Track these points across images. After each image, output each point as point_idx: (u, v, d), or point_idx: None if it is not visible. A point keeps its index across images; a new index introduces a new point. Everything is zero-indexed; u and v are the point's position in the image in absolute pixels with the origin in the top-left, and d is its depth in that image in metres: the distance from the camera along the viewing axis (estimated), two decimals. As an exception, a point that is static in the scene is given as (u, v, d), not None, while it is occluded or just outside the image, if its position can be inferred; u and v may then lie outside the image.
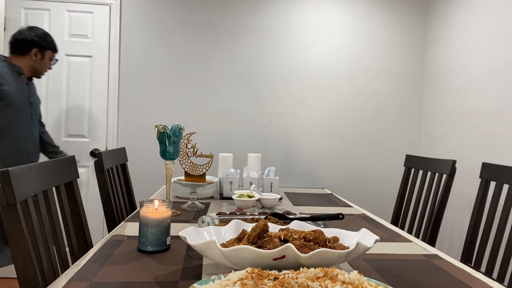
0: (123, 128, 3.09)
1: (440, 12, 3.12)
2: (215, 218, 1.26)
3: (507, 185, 1.57)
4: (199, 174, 1.96)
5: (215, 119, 3.18)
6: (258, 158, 2.30)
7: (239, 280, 0.71)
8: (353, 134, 3.27)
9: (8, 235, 0.99)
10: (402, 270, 1.04)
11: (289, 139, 3.24)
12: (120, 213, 1.96)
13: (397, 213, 2.25)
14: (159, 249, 1.12)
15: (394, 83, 3.29)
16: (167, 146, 1.73)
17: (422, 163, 2.16)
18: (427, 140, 3.22)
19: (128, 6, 3.10)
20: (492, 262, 1.55)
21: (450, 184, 1.89)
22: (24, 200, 1.06)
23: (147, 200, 1.16)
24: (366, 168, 3.28)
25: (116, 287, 0.87)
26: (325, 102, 3.25)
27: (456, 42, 2.89)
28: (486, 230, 1.64)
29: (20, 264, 0.98)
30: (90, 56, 3.07)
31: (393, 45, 3.28)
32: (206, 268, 1.00)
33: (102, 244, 1.20)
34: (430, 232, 1.86)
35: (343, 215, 1.28)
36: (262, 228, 0.95)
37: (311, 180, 3.24)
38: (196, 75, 3.17)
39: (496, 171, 1.66)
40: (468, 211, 2.62)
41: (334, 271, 0.75)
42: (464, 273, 1.03)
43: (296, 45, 3.22)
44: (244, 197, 1.79)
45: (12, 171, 1.01)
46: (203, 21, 3.15)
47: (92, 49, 3.07)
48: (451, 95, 2.92)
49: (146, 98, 3.12)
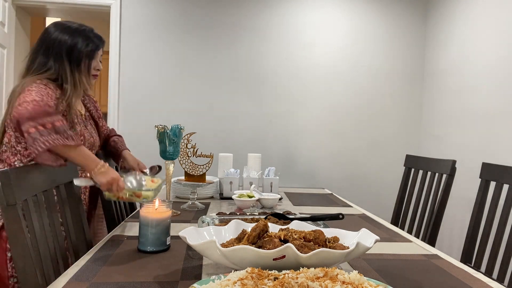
0: (123, 128, 3.09)
1: (440, 12, 3.12)
2: (215, 218, 1.26)
3: (507, 185, 1.57)
4: (199, 174, 1.96)
5: (215, 119, 3.18)
6: (258, 158, 2.30)
7: (239, 280, 0.71)
8: (353, 134, 3.27)
9: (8, 235, 0.99)
10: (402, 270, 1.04)
11: (289, 139, 3.24)
12: (120, 213, 1.96)
13: (397, 213, 2.25)
14: (159, 249, 1.12)
15: (394, 83, 3.29)
16: (167, 146, 1.73)
17: (422, 163, 2.15)
18: (427, 140, 3.22)
19: (128, 6, 3.09)
20: (492, 262, 1.55)
21: (450, 184, 1.89)
22: (24, 200, 1.06)
23: (147, 200, 1.16)
24: (366, 168, 3.28)
25: (116, 287, 0.87)
26: (325, 102, 3.25)
27: (456, 42, 2.88)
28: (486, 230, 1.63)
29: (20, 264, 0.98)
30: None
31: (393, 45, 3.28)
32: (206, 268, 1.00)
33: (102, 244, 1.20)
34: (430, 232, 1.86)
35: (343, 215, 1.28)
36: (262, 228, 0.95)
37: (311, 180, 3.24)
38: (196, 75, 3.17)
39: (496, 171, 1.66)
40: (468, 211, 2.62)
41: (334, 271, 0.75)
42: (464, 273, 1.03)
43: (296, 45, 3.22)
44: (244, 197, 1.79)
45: (12, 171, 1.01)
46: (203, 21, 3.15)
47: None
48: (451, 95, 2.92)
49: (146, 98, 3.12)
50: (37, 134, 1.21)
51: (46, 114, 1.25)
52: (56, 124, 1.24)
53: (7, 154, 1.41)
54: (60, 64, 1.48)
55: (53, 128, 1.24)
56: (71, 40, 1.50)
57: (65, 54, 1.48)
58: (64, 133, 1.25)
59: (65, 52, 1.48)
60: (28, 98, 1.27)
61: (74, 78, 1.50)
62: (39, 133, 1.21)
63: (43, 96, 1.31)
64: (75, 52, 1.50)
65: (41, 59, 1.48)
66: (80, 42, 1.51)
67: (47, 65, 1.47)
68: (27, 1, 3.03)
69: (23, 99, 1.27)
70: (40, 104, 1.25)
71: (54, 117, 1.26)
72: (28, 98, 1.27)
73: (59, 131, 1.24)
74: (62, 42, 1.48)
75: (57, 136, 1.23)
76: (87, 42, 1.53)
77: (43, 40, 1.51)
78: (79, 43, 1.51)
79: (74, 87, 1.49)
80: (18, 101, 1.28)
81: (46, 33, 1.52)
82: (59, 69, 1.48)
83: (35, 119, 1.23)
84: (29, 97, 1.27)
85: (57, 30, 1.50)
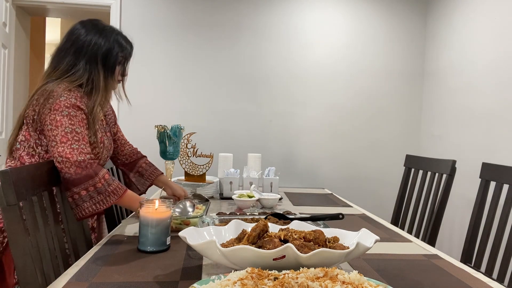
0: (123, 128, 3.08)
1: (440, 12, 3.12)
2: (215, 218, 1.26)
3: (507, 185, 1.57)
4: (199, 174, 1.96)
5: (215, 119, 3.18)
6: (258, 158, 2.30)
7: (239, 280, 0.71)
8: (353, 134, 3.27)
9: (8, 235, 0.99)
10: (402, 270, 1.04)
11: (289, 139, 3.24)
12: (120, 213, 1.96)
13: (397, 213, 2.25)
14: (159, 249, 1.12)
15: (394, 83, 3.29)
16: (167, 146, 1.73)
17: (422, 163, 2.16)
18: (427, 140, 3.22)
19: (128, 6, 3.09)
20: (492, 262, 1.55)
21: (450, 184, 1.89)
22: (24, 200, 1.06)
23: (147, 200, 1.16)
24: (366, 168, 3.28)
25: (116, 287, 0.87)
26: (325, 102, 3.25)
27: (456, 42, 2.89)
28: (486, 230, 1.64)
29: (20, 264, 0.98)
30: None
31: (393, 45, 3.28)
32: (206, 268, 1.00)
33: (102, 244, 1.20)
34: (430, 232, 1.86)
35: (343, 215, 1.28)
36: (262, 228, 0.95)
37: (311, 180, 3.24)
38: (196, 75, 3.17)
39: (496, 171, 1.66)
40: (468, 211, 2.62)
41: (334, 271, 0.75)
42: (464, 273, 1.03)
43: (296, 45, 3.22)
44: (244, 197, 1.79)
45: (12, 171, 1.01)
46: (203, 21, 3.15)
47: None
48: (451, 95, 2.92)
49: (146, 98, 3.12)
50: (80, 200, 1.25)
51: (89, 177, 1.25)
52: (97, 186, 1.26)
53: (20, 153, 1.35)
54: (93, 68, 1.40)
55: (95, 190, 1.26)
56: (107, 44, 1.42)
57: (100, 58, 1.41)
58: (106, 192, 1.27)
59: (100, 56, 1.41)
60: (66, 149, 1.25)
61: (106, 84, 1.44)
62: (82, 199, 1.25)
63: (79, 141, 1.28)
64: (111, 57, 1.43)
65: (70, 59, 1.39)
66: (116, 47, 1.44)
67: (77, 67, 1.39)
68: (27, 1, 3.03)
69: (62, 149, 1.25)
70: (82, 166, 1.25)
71: (96, 178, 1.26)
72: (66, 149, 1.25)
73: (101, 192, 1.27)
74: (97, 44, 1.41)
75: (99, 198, 1.26)
76: (122, 47, 1.46)
77: (74, 40, 1.41)
78: (115, 48, 1.44)
79: (105, 93, 1.43)
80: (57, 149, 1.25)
81: (76, 33, 1.43)
82: (91, 73, 1.40)
83: (77, 186, 1.24)
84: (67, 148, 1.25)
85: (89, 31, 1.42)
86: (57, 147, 1.26)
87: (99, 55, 1.41)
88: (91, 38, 1.41)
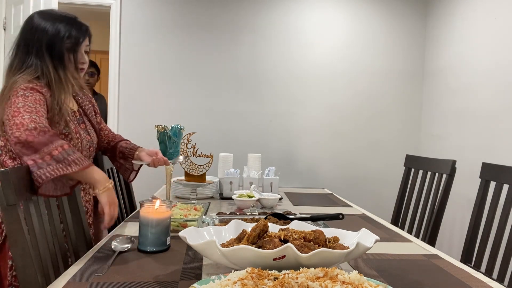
0: (123, 128, 3.09)
1: (440, 12, 3.12)
2: (215, 218, 1.26)
3: (507, 185, 1.57)
4: (199, 174, 1.96)
5: (215, 119, 3.18)
6: (258, 158, 2.30)
7: (239, 280, 0.71)
8: (353, 134, 3.27)
9: (8, 235, 0.99)
10: (402, 270, 1.04)
11: (289, 139, 3.24)
12: (120, 213, 1.96)
13: (397, 213, 2.25)
14: (159, 249, 1.12)
15: (394, 83, 3.29)
16: (167, 146, 1.73)
17: (422, 163, 2.16)
18: (427, 140, 3.22)
19: (128, 6, 3.09)
20: (492, 262, 1.55)
21: (450, 184, 1.89)
22: (24, 200, 1.06)
23: (147, 200, 1.16)
24: (366, 168, 3.28)
25: (116, 287, 0.87)
26: (325, 102, 3.25)
27: (456, 42, 2.88)
28: (486, 230, 1.64)
29: (20, 264, 0.98)
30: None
31: (393, 45, 3.28)
32: (206, 268, 1.00)
33: (102, 244, 1.19)
34: (430, 232, 1.86)
35: (343, 215, 1.28)
36: (262, 228, 0.95)
37: (311, 180, 3.24)
38: (196, 75, 3.17)
39: (496, 171, 1.66)
40: (468, 211, 2.62)
41: (334, 271, 0.75)
42: (464, 273, 1.03)
43: (296, 45, 3.22)
44: (244, 197, 1.79)
45: (12, 171, 1.01)
46: (203, 21, 3.15)
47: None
48: (451, 95, 2.92)
49: (146, 98, 3.12)
50: (35, 167, 1.14)
51: (42, 145, 1.17)
52: (54, 154, 1.17)
53: (3, 158, 1.34)
54: (42, 60, 1.35)
55: (52, 159, 1.17)
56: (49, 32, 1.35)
57: (45, 49, 1.35)
58: (65, 161, 1.18)
59: (45, 47, 1.35)
60: (17, 120, 1.19)
61: (59, 75, 1.37)
62: (37, 166, 1.15)
63: (31, 113, 1.21)
64: (55, 46, 1.36)
65: (21, 56, 1.36)
66: (61, 34, 1.37)
67: (27, 62, 1.35)
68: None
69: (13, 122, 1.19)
70: (33, 134, 1.16)
71: (51, 146, 1.18)
72: (17, 120, 1.19)
73: (59, 160, 1.17)
74: (40, 35, 1.35)
75: (58, 166, 1.17)
76: (67, 32, 1.37)
77: (23, 32, 1.38)
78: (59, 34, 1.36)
79: (60, 85, 1.36)
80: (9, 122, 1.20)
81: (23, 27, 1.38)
82: (42, 67, 1.35)
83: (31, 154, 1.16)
84: (18, 119, 1.19)
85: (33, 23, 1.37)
86: (9, 123, 1.19)
87: (43, 45, 1.36)
88: (35, 30, 1.36)
